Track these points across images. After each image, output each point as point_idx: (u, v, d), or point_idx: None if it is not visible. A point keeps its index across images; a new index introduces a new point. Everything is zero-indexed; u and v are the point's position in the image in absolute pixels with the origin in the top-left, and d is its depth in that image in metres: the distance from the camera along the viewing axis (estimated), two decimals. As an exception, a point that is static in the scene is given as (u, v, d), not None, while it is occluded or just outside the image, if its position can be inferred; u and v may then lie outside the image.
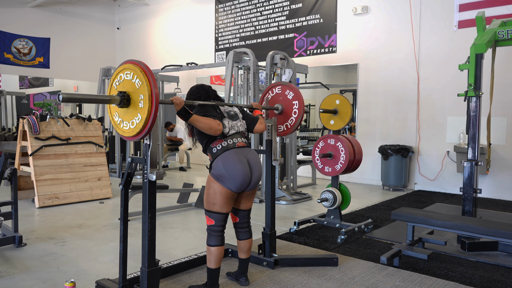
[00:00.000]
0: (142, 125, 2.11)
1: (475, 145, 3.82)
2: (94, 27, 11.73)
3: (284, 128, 3.31)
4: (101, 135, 6.00)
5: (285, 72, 5.22)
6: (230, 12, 9.49)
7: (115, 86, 2.25)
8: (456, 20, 6.50)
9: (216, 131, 2.48)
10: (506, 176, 6.18)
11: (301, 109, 3.21)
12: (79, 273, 3.01)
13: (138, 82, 2.12)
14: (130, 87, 2.16)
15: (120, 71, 2.22)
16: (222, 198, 2.55)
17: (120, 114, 2.25)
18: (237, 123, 2.71)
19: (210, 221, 2.60)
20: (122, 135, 2.26)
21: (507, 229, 3.08)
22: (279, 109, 3.28)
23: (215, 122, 2.47)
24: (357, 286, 2.86)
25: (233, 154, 2.57)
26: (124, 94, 2.16)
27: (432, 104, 6.79)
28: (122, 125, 2.23)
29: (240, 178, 2.53)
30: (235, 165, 2.54)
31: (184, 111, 2.35)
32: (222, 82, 9.92)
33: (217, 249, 2.59)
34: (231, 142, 2.61)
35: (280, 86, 3.32)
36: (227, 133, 2.62)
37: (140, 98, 2.11)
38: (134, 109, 2.15)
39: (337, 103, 4.41)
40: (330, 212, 4.31)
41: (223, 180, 2.54)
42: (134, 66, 2.15)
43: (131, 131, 2.19)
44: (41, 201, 5.13)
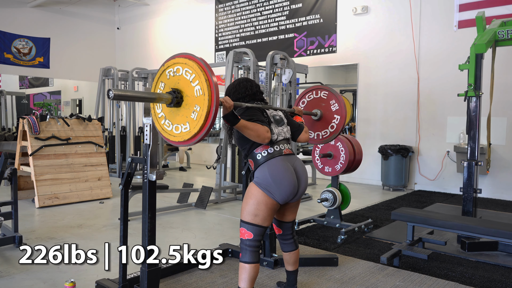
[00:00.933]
0: (189, 137, 1.91)
1: (475, 145, 3.82)
2: (94, 27, 11.73)
3: (315, 137, 3.11)
4: (101, 135, 6.00)
5: (285, 72, 5.22)
6: (230, 12, 9.49)
7: (168, 76, 1.99)
8: (456, 20, 6.50)
9: (264, 139, 2.26)
10: (506, 176, 6.18)
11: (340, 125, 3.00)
12: (79, 273, 3.01)
13: (198, 89, 1.86)
14: (187, 88, 1.91)
15: (180, 63, 1.95)
16: (266, 210, 2.32)
17: (165, 110, 2.01)
18: (283, 129, 2.50)
19: (248, 234, 2.34)
20: (160, 131, 2.06)
21: (507, 229, 3.08)
22: (317, 115, 3.09)
23: (263, 129, 2.26)
24: (357, 286, 2.86)
25: (280, 161, 2.36)
26: (178, 95, 1.92)
27: (432, 104, 6.80)
28: (163, 122, 2.01)
29: (287, 188, 2.32)
30: (283, 173, 2.32)
31: (232, 115, 2.12)
32: (222, 82, 9.92)
33: (253, 267, 2.34)
34: (277, 148, 2.39)
35: (327, 92, 3.07)
36: (274, 140, 2.40)
37: (194, 108, 1.87)
38: (184, 114, 1.91)
39: (337, 103, 4.41)
40: (330, 212, 4.31)
41: (269, 190, 2.31)
42: (198, 68, 1.89)
43: (172, 135, 1.97)
44: (41, 201, 5.13)
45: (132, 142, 8.18)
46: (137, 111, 8.33)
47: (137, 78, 8.13)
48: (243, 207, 2.38)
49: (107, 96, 1.76)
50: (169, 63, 2.01)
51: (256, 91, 2.54)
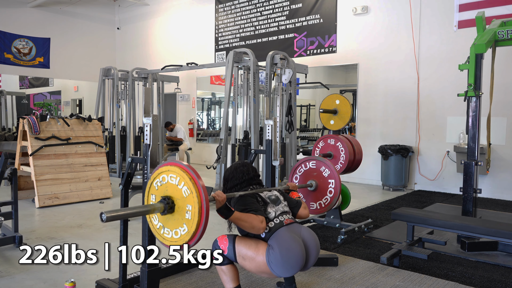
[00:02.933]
0: (189, 238, 1.90)
1: (475, 145, 3.82)
2: (94, 27, 11.73)
3: (318, 207, 3.16)
4: (101, 135, 6.00)
5: (285, 72, 5.21)
6: (230, 12, 9.49)
7: (156, 186, 2.04)
8: (456, 20, 6.50)
9: (259, 230, 2.25)
10: (506, 176, 6.18)
11: (338, 189, 3.07)
12: (79, 273, 3.01)
13: (185, 190, 1.90)
14: (176, 192, 1.95)
15: (164, 171, 2.01)
16: (254, 269, 2.31)
17: (160, 218, 2.02)
18: (280, 206, 2.48)
19: (225, 249, 2.35)
20: (162, 241, 2.04)
21: (507, 229, 3.08)
22: (313, 186, 3.17)
23: (258, 220, 2.25)
24: (357, 286, 2.86)
25: (285, 232, 2.30)
26: (169, 201, 1.95)
27: (432, 104, 6.79)
28: (163, 232, 2.01)
29: (294, 262, 2.24)
30: (291, 246, 2.25)
31: (225, 208, 2.14)
32: (222, 82, 9.92)
33: (229, 267, 2.37)
34: (278, 221, 2.37)
35: (314, 162, 3.19)
36: (272, 217, 2.38)
37: (187, 208, 1.90)
38: (179, 217, 1.93)
39: (337, 103, 4.41)
40: (330, 212, 4.31)
41: (271, 263, 2.23)
42: (181, 171, 1.93)
43: (174, 241, 1.97)
44: (41, 201, 5.13)
45: (132, 142, 8.18)
46: (137, 111, 8.33)
47: (137, 78, 8.13)
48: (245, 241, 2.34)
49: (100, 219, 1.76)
50: (154, 174, 2.06)
51: (253, 176, 2.58)
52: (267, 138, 3.25)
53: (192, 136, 10.42)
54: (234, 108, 6.08)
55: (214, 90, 10.88)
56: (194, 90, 10.31)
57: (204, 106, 11.09)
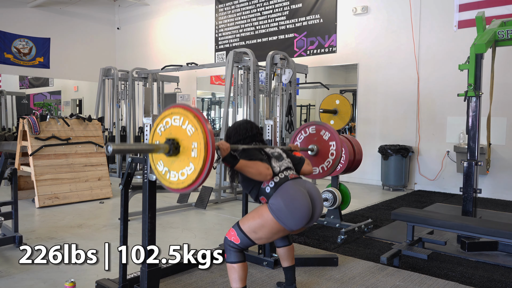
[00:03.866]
0: (196, 176, 1.90)
1: (475, 145, 3.82)
2: (94, 27, 11.73)
3: (320, 171, 3.12)
4: (101, 135, 6.00)
5: (285, 72, 5.21)
6: (230, 12, 9.49)
7: (160, 132, 2.04)
8: (456, 20, 6.50)
9: (266, 176, 2.26)
10: (506, 176, 6.18)
11: (339, 150, 3.04)
12: (79, 273, 3.01)
13: (190, 128, 1.91)
14: (180, 133, 1.95)
15: (167, 115, 2.01)
16: (269, 233, 2.30)
17: (166, 163, 2.02)
18: (284, 162, 2.48)
19: (236, 239, 2.33)
20: (168, 186, 2.03)
21: (507, 229, 3.08)
22: (314, 150, 3.13)
23: (264, 166, 2.26)
24: (357, 286, 2.86)
25: (292, 185, 2.31)
26: (174, 141, 1.95)
27: (432, 104, 6.80)
28: (169, 176, 2.01)
29: (302, 213, 2.24)
30: (296, 197, 2.26)
31: (230, 157, 2.16)
32: (222, 82, 9.92)
33: (241, 266, 2.33)
34: (283, 176, 2.36)
35: (314, 126, 3.16)
36: (277, 171, 2.37)
37: (193, 146, 1.89)
38: (185, 158, 1.93)
39: (337, 103, 4.41)
40: (330, 212, 4.32)
41: (281, 219, 2.24)
42: (184, 111, 1.94)
43: (180, 182, 1.97)
44: (41, 201, 5.13)
45: (132, 142, 8.18)
46: (137, 111, 8.33)
47: (137, 78, 8.13)
48: (247, 217, 2.36)
49: (106, 151, 1.76)
50: (157, 121, 2.06)
51: (256, 133, 2.57)
52: (267, 138, 3.25)
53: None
54: (234, 108, 6.08)
55: (214, 90, 10.88)
56: (194, 90, 10.31)
57: (204, 106, 11.09)
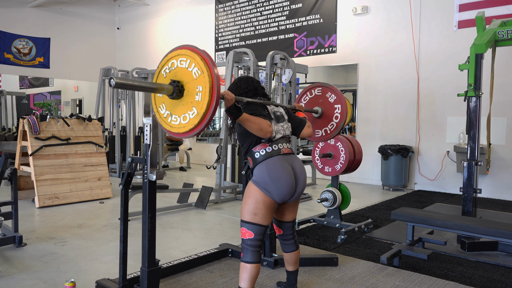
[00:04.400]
0: (198, 121, 1.86)
1: (475, 145, 3.82)
2: (94, 27, 11.73)
3: (323, 133, 3.07)
4: (101, 135, 6.00)
5: (285, 72, 5.21)
6: (230, 12, 9.49)
7: (164, 74, 1.99)
8: (456, 20, 6.50)
9: (266, 133, 2.29)
10: (506, 176, 6.18)
11: (344, 113, 2.97)
12: (79, 273, 3.01)
13: (196, 71, 1.87)
14: (185, 76, 1.91)
15: (173, 56, 1.96)
16: (265, 208, 2.31)
17: (168, 106, 1.98)
18: (283, 125, 2.48)
19: (249, 234, 2.32)
20: (168, 130, 2.01)
21: (507, 229, 3.08)
22: (318, 112, 3.06)
23: (266, 123, 2.28)
24: (357, 286, 2.86)
25: (278, 161, 2.34)
26: (178, 84, 1.91)
27: (432, 104, 6.80)
28: (170, 119, 1.98)
29: (285, 188, 2.30)
30: (281, 173, 2.31)
31: (234, 108, 2.14)
32: (222, 82, 9.93)
33: (254, 267, 2.32)
34: (276, 148, 2.37)
35: (320, 88, 3.07)
36: (273, 138, 2.39)
37: (197, 90, 1.86)
38: (188, 101, 1.89)
39: (337, 103, 4.40)
40: (330, 212, 4.32)
41: (267, 189, 2.30)
42: (192, 53, 1.89)
43: (181, 126, 1.93)
44: (41, 201, 5.13)
45: (132, 142, 8.18)
46: (137, 111, 8.33)
47: (137, 78, 8.13)
48: (243, 207, 2.38)
49: (109, 84, 1.74)
50: (163, 62, 2.02)
51: (257, 86, 2.56)
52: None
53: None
54: (234, 108, 6.08)
55: (214, 90, 10.86)
56: (194, 90, 10.30)
57: (204, 106, 11.07)
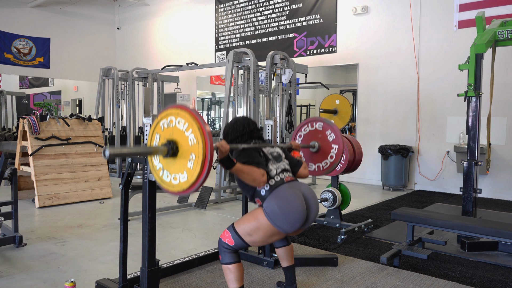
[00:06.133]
0: (187, 186, 1.89)
1: (475, 145, 3.82)
2: (94, 27, 11.73)
3: (316, 169, 3.10)
4: (101, 135, 6.00)
5: (285, 72, 5.21)
6: (230, 12, 9.49)
7: (162, 127, 2.01)
8: (456, 20, 6.50)
9: (259, 184, 2.26)
10: (506, 176, 6.18)
11: (339, 155, 3.01)
12: (79, 273, 3.01)
13: (192, 138, 1.87)
14: (181, 138, 1.93)
15: (172, 113, 1.97)
16: (264, 237, 2.30)
17: (162, 160, 2.00)
18: (283, 163, 2.49)
19: (230, 241, 2.33)
20: (159, 183, 2.04)
21: (507, 229, 3.08)
22: (315, 147, 3.10)
23: (259, 173, 2.25)
24: (357, 286, 2.86)
25: (285, 189, 2.31)
26: (173, 145, 1.93)
27: (432, 104, 6.80)
28: (162, 174, 2.01)
29: (297, 217, 2.24)
30: (291, 201, 2.25)
31: (227, 159, 2.13)
32: (222, 82, 9.93)
33: (236, 267, 2.33)
34: (278, 179, 2.36)
35: (322, 123, 3.12)
36: (274, 174, 2.38)
37: (190, 157, 1.87)
38: (181, 164, 1.92)
39: (337, 103, 4.41)
40: (330, 212, 4.32)
41: (274, 220, 2.24)
42: (191, 118, 1.89)
43: (171, 185, 1.96)
44: (41, 201, 5.13)
45: (132, 142, 8.18)
46: (137, 111, 8.33)
47: (137, 78, 8.13)
48: (242, 220, 2.35)
49: (103, 155, 1.74)
50: (163, 114, 2.02)
51: (253, 129, 2.55)
52: (267, 138, 3.25)
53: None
54: (234, 108, 6.08)
55: (214, 90, 10.88)
56: (194, 90, 10.31)
57: (204, 106, 11.08)
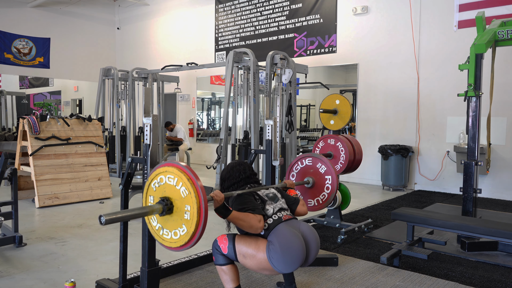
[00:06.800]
0: (188, 239, 1.90)
1: (475, 145, 3.82)
2: (94, 27, 11.73)
3: (315, 203, 3.14)
4: (101, 135, 6.00)
5: (285, 72, 5.21)
6: (230, 12, 9.49)
7: (154, 188, 2.04)
8: (456, 20, 6.50)
9: (257, 229, 2.25)
10: (506, 176, 6.18)
11: (334, 184, 3.06)
12: (79, 273, 3.01)
13: (184, 190, 1.90)
14: (174, 193, 1.95)
15: (161, 172, 2.00)
16: (255, 266, 2.30)
17: (159, 220, 2.02)
18: (278, 203, 2.48)
19: (224, 249, 2.34)
20: (161, 243, 2.03)
21: (507, 229, 3.08)
22: (310, 183, 3.15)
23: (255, 220, 2.24)
24: (357, 286, 2.86)
25: (284, 227, 2.30)
26: (167, 202, 1.95)
27: (432, 104, 6.80)
28: (162, 233, 2.01)
29: (295, 257, 2.23)
30: (291, 241, 2.24)
31: (223, 207, 2.14)
32: (222, 82, 9.92)
33: (230, 267, 2.35)
34: (276, 217, 2.36)
35: (310, 158, 3.19)
36: (270, 214, 2.38)
37: (186, 209, 1.90)
38: (178, 218, 1.93)
39: (337, 103, 4.41)
40: (330, 212, 4.32)
41: (272, 257, 2.23)
42: (179, 172, 1.93)
43: (173, 241, 1.96)
44: (41, 201, 5.13)
45: (132, 142, 8.18)
46: (137, 111, 8.33)
47: (137, 78, 8.13)
48: (245, 239, 2.34)
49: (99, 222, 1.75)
50: (152, 176, 2.05)
51: (249, 175, 2.57)
52: (267, 138, 3.25)
53: (192, 136, 10.42)
54: (234, 108, 6.08)
55: (214, 90, 10.88)
56: (194, 90, 10.31)
57: (204, 106, 11.09)
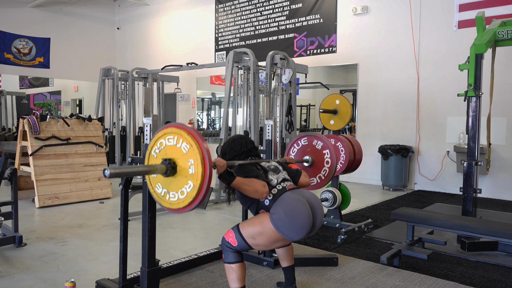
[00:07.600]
0: (196, 193, 1.88)
1: (475, 145, 3.82)
2: (94, 27, 11.73)
3: (318, 180, 3.11)
4: (101, 135, 6.00)
5: (285, 72, 5.21)
6: (230, 12, 9.49)
7: (155, 155, 2.03)
8: (456, 20, 6.50)
9: (262, 194, 2.23)
10: (506, 176, 6.18)
11: (333, 157, 3.03)
12: (79, 273, 3.01)
13: (185, 146, 1.91)
14: (175, 152, 1.95)
15: (160, 136, 2.01)
16: (267, 242, 2.29)
17: (164, 184, 2.01)
18: (281, 174, 2.47)
19: (233, 241, 2.32)
20: (169, 208, 2.00)
21: (507, 229, 3.08)
22: (309, 162, 3.12)
23: (260, 184, 2.23)
24: (357, 286, 2.86)
25: (290, 195, 2.29)
26: (170, 161, 1.94)
27: (432, 104, 6.80)
28: (169, 197, 2.00)
29: (303, 223, 2.21)
30: (296, 206, 2.23)
31: (227, 173, 2.14)
32: (222, 82, 9.92)
33: (238, 266, 2.33)
34: (280, 187, 2.35)
35: (305, 138, 3.16)
36: (275, 184, 2.37)
37: (189, 163, 1.89)
38: (183, 176, 1.93)
39: (337, 103, 4.41)
40: (330, 212, 4.32)
41: (280, 227, 2.21)
42: (178, 129, 1.95)
43: (180, 201, 1.95)
44: (41, 201, 5.13)
45: (132, 142, 8.17)
46: (137, 111, 8.33)
47: (137, 78, 8.13)
48: (248, 222, 2.34)
49: (103, 175, 1.75)
50: (151, 143, 2.06)
51: (251, 148, 2.55)
52: (267, 138, 3.25)
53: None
54: (234, 108, 6.08)
55: (214, 90, 10.88)
56: (194, 90, 10.31)
57: (204, 106, 11.09)
